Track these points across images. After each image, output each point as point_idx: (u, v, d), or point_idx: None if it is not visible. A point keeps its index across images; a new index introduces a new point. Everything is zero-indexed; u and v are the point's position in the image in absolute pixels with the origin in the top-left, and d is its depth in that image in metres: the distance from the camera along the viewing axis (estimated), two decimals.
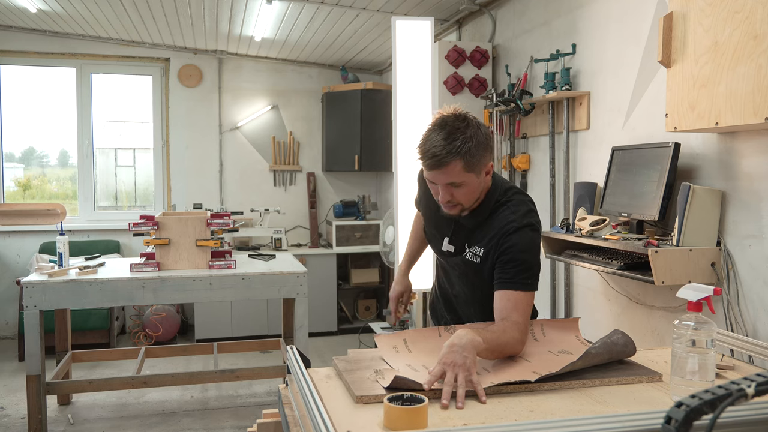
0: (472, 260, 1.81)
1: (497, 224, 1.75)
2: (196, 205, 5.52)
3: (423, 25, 3.84)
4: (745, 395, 0.85)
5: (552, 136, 3.34)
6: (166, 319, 5.29)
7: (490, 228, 1.77)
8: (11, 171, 5.93)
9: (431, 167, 1.65)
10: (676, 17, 2.12)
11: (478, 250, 1.79)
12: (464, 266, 1.85)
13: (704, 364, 1.29)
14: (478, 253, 1.79)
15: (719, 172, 2.26)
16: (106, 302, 3.36)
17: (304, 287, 3.57)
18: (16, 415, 3.76)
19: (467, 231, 1.83)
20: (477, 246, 1.79)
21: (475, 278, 1.84)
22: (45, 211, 5.39)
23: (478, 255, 1.79)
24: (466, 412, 1.25)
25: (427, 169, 1.66)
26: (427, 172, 1.68)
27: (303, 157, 6.23)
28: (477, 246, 1.79)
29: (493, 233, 1.75)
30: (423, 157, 1.66)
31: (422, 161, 1.66)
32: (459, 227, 1.85)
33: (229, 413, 3.84)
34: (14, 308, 5.39)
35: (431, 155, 1.63)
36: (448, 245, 1.88)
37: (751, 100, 1.83)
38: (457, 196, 1.71)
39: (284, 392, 1.51)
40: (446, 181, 1.67)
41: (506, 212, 1.76)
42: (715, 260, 2.23)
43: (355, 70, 6.23)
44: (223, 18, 4.72)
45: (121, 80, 5.93)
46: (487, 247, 1.77)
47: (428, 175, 1.69)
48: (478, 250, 1.79)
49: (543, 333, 1.71)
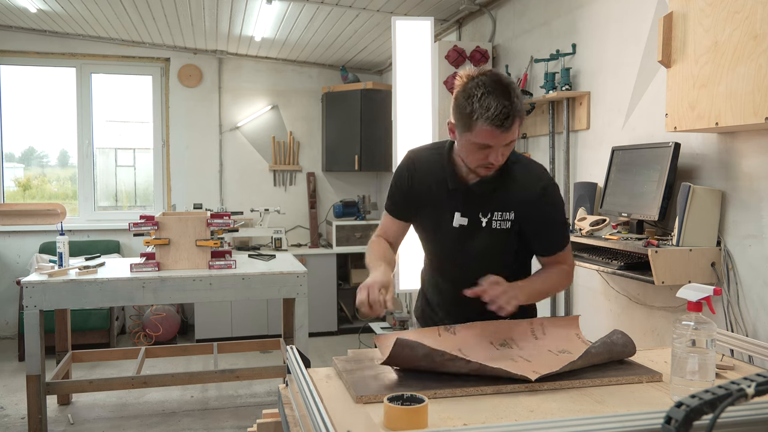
0: (500, 227, 1.75)
1: (524, 186, 1.73)
2: (196, 205, 5.52)
3: (423, 25, 3.84)
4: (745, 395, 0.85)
5: (552, 136, 3.34)
6: (166, 319, 5.29)
7: (516, 190, 1.73)
8: (11, 171, 5.93)
9: (502, 129, 1.55)
10: (676, 17, 2.12)
11: (507, 215, 1.74)
12: (487, 237, 1.76)
13: (704, 364, 1.29)
14: (508, 218, 1.74)
15: (719, 172, 2.26)
16: (106, 302, 3.36)
17: (304, 287, 3.57)
18: (16, 415, 3.76)
19: (482, 198, 1.74)
20: (503, 212, 1.74)
21: (500, 246, 1.78)
22: (45, 211, 5.39)
23: (508, 220, 1.74)
24: (466, 413, 1.25)
25: (496, 129, 1.55)
26: (486, 136, 1.57)
27: (303, 157, 6.23)
28: (503, 212, 1.74)
29: (524, 197, 1.72)
30: (493, 121, 1.54)
31: (488, 124, 1.55)
32: (470, 197, 1.75)
33: (229, 413, 3.84)
34: (14, 308, 5.39)
35: (504, 116, 1.54)
36: (461, 218, 1.77)
37: (751, 100, 1.83)
38: (504, 156, 1.64)
39: (284, 392, 1.51)
40: (507, 140, 1.60)
41: (524, 171, 1.75)
42: (715, 260, 2.23)
43: (355, 70, 6.23)
44: (223, 18, 4.72)
45: (121, 80, 5.93)
46: (520, 211, 1.74)
47: (488, 138, 1.57)
48: (507, 215, 1.74)
49: (543, 331, 1.71)
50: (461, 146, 1.67)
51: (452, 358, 1.39)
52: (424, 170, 1.82)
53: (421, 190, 1.82)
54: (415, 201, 1.84)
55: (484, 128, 1.56)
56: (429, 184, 1.81)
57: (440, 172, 1.79)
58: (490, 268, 1.74)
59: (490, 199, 1.74)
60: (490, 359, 1.51)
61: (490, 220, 1.75)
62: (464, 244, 1.80)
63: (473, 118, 1.56)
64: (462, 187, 1.76)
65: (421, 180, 1.82)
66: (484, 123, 1.55)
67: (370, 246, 1.89)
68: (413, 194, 1.84)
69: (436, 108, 3.88)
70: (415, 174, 1.83)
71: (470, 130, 1.59)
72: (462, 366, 1.40)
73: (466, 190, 1.76)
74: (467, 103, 1.57)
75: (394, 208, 1.90)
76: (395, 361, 1.44)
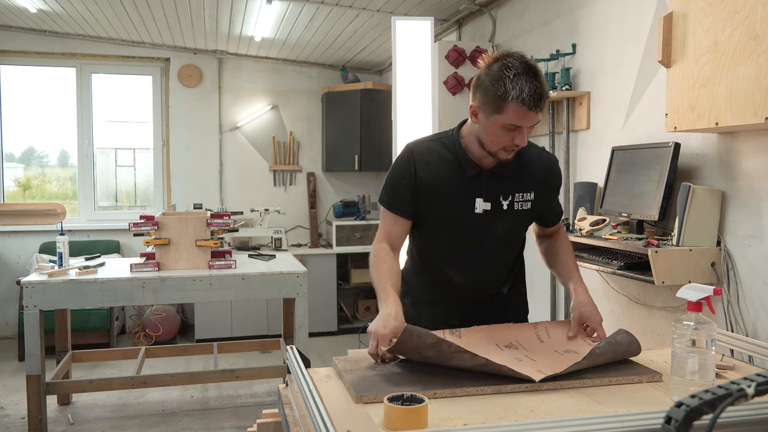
0: (522, 208, 1.78)
1: (541, 163, 1.82)
2: (196, 205, 5.52)
3: (423, 25, 3.84)
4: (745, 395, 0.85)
5: (552, 136, 3.34)
6: (166, 319, 5.29)
7: (533, 170, 1.80)
8: (11, 171, 5.93)
9: (534, 109, 1.57)
10: (676, 17, 2.12)
11: (527, 195, 1.78)
12: (510, 220, 1.78)
13: (704, 364, 1.29)
14: (528, 198, 1.78)
15: (719, 172, 2.26)
16: (106, 302, 3.36)
17: (304, 287, 3.57)
18: (16, 415, 3.76)
19: (502, 181, 1.76)
20: (523, 192, 1.78)
21: (521, 228, 1.85)
22: (45, 211, 5.39)
23: (529, 200, 1.78)
24: (466, 412, 1.25)
25: (528, 110, 1.56)
26: (518, 117, 1.58)
27: (303, 157, 6.23)
28: (523, 192, 1.78)
29: (541, 174, 1.81)
30: (529, 99, 1.55)
31: (522, 103, 1.55)
32: (491, 181, 1.75)
33: (229, 413, 3.84)
34: (14, 308, 5.39)
35: (537, 97, 1.56)
36: (484, 204, 1.75)
37: (751, 100, 1.83)
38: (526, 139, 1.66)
39: (284, 392, 1.51)
40: (535, 121, 1.62)
41: (533, 151, 1.82)
42: (715, 260, 2.23)
43: (355, 70, 6.23)
44: (223, 18, 4.72)
45: (121, 80, 5.93)
46: (539, 189, 1.80)
47: (519, 118, 1.58)
48: (527, 195, 1.78)
49: (548, 334, 1.71)
50: (486, 129, 1.64)
51: (459, 350, 1.39)
52: (429, 161, 1.77)
53: (432, 181, 1.76)
54: (427, 193, 1.77)
55: (517, 109, 1.56)
56: (440, 174, 1.76)
57: (450, 161, 1.76)
58: (508, 251, 1.84)
59: (510, 182, 1.77)
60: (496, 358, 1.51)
61: (512, 202, 1.77)
62: (488, 229, 1.78)
63: (506, 99, 1.56)
64: (481, 172, 1.75)
65: (428, 171, 1.76)
66: (517, 104, 1.56)
67: (377, 259, 1.76)
68: (423, 187, 1.77)
69: (436, 108, 3.88)
70: (420, 166, 1.77)
71: (501, 112, 1.58)
72: (467, 360, 1.40)
73: (486, 175, 1.75)
74: (499, 85, 1.57)
75: (400, 205, 1.79)
76: (402, 349, 1.43)
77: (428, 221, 1.82)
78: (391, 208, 1.81)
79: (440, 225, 1.81)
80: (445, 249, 1.84)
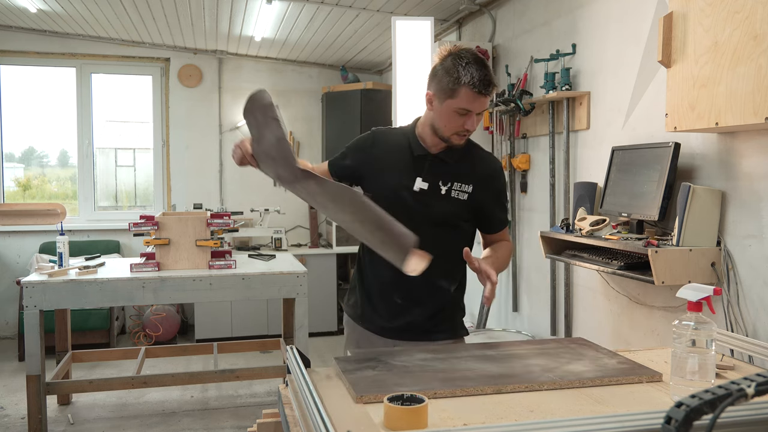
0: (458, 197, 1.88)
1: (484, 163, 1.93)
2: (196, 205, 5.52)
3: (423, 25, 3.84)
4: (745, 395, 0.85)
5: (552, 136, 3.34)
6: (166, 319, 5.29)
7: (476, 166, 1.90)
8: (11, 171, 5.93)
9: (483, 94, 1.74)
10: (676, 17, 2.12)
11: (466, 187, 1.88)
12: (446, 205, 1.87)
13: (704, 364, 1.29)
14: (466, 190, 1.88)
15: (719, 172, 2.26)
16: (106, 302, 3.36)
17: (304, 287, 3.57)
18: (16, 415, 3.76)
19: (446, 167, 1.89)
20: (463, 183, 1.88)
21: (456, 218, 1.89)
22: (45, 211, 5.39)
23: (466, 192, 1.88)
24: (466, 412, 1.25)
25: (478, 95, 1.74)
26: (469, 101, 1.75)
27: (303, 157, 6.23)
28: (463, 183, 1.88)
29: (485, 173, 1.90)
30: (479, 83, 1.73)
31: (473, 87, 1.73)
32: (436, 165, 1.89)
33: (229, 413, 3.84)
34: (14, 308, 5.39)
35: (487, 82, 1.74)
36: (422, 183, 1.88)
37: (751, 100, 1.83)
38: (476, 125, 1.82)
39: (284, 392, 1.51)
40: (484, 107, 1.79)
41: (484, 153, 1.96)
42: (715, 260, 2.23)
43: (355, 70, 6.23)
44: (223, 18, 4.72)
45: (121, 80, 5.93)
46: (479, 185, 1.88)
47: (470, 103, 1.75)
48: (466, 187, 1.88)
49: None
50: (440, 114, 1.81)
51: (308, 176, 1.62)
52: (386, 141, 1.98)
53: (382, 158, 1.94)
54: (376, 170, 1.94)
55: (468, 93, 1.74)
56: (391, 152, 1.94)
57: (403, 143, 1.94)
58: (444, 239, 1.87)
59: (452, 170, 1.89)
60: None
61: (450, 189, 1.88)
62: (423, 208, 1.88)
63: (459, 83, 1.74)
64: (426, 154, 1.90)
65: (382, 147, 1.96)
66: (468, 88, 1.73)
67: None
68: (374, 163, 1.95)
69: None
70: (377, 141, 1.99)
71: (453, 97, 1.76)
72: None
73: (430, 158, 1.90)
74: (452, 72, 1.75)
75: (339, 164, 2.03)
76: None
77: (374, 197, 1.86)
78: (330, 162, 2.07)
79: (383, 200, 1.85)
80: None
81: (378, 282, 1.96)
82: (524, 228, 3.79)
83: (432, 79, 1.84)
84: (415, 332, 1.92)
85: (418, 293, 1.89)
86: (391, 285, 1.92)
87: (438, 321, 1.93)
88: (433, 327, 1.92)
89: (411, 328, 1.92)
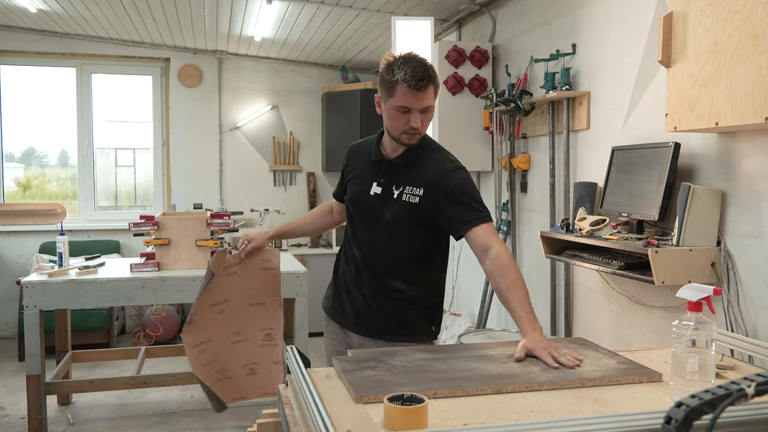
0: (409, 200, 1.92)
1: (434, 167, 1.92)
2: (196, 205, 5.52)
3: (423, 25, 3.84)
4: (745, 395, 0.85)
5: (552, 136, 3.34)
6: (166, 319, 5.29)
7: (426, 169, 1.92)
8: (11, 171, 5.93)
9: (417, 88, 1.79)
10: (676, 17, 2.12)
11: (417, 191, 1.92)
12: (397, 208, 1.93)
13: (704, 364, 1.29)
14: (417, 194, 1.92)
15: (719, 172, 2.26)
16: (106, 302, 3.36)
17: (304, 287, 3.57)
18: (16, 415, 3.76)
19: (398, 171, 1.95)
20: (414, 187, 1.92)
21: (408, 220, 1.93)
22: (45, 211, 5.39)
23: (417, 195, 1.91)
24: (466, 413, 1.25)
25: (413, 89, 1.79)
26: (406, 98, 1.80)
27: (303, 157, 6.23)
28: (414, 187, 1.92)
29: (432, 175, 1.90)
30: (411, 79, 1.78)
31: (407, 83, 1.78)
32: (389, 169, 1.97)
33: (229, 413, 3.84)
34: (14, 308, 5.39)
35: (420, 77, 1.79)
36: (377, 187, 1.97)
37: (751, 100, 1.83)
38: (424, 123, 1.87)
39: (284, 392, 1.51)
40: (424, 105, 1.83)
41: (438, 156, 1.96)
42: (715, 260, 2.23)
43: (355, 70, 6.23)
44: (223, 18, 4.73)
45: (121, 80, 5.93)
46: (428, 188, 1.90)
47: (407, 99, 1.80)
48: (417, 190, 1.92)
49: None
50: (386, 115, 1.89)
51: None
52: (357, 153, 2.11)
53: (353, 166, 2.10)
54: (348, 179, 2.10)
55: (403, 90, 1.80)
56: (359, 161, 2.08)
57: (368, 153, 2.04)
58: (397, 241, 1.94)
59: (405, 174, 1.94)
60: None
61: (402, 192, 1.94)
62: (377, 212, 1.97)
63: (394, 82, 1.81)
64: (383, 159, 1.98)
65: (353, 161, 2.11)
66: (402, 85, 1.79)
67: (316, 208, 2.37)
68: (348, 174, 2.11)
69: (436, 108, 3.88)
70: (350, 155, 2.14)
71: (392, 95, 1.83)
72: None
73: (386, 163, 1.98)
74: (389, 72, 1.84)
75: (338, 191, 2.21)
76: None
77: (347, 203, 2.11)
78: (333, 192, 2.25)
79: (350, 205, 2.08)
80: (352, 226, 2.09)
81: (344, 278, 2.10)
82: (524, 228, 3.79)
83: (378, 84, 1.92)
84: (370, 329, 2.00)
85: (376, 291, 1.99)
86: (353, 281, 2.05)
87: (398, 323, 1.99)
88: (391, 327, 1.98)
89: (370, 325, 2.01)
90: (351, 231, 2.09)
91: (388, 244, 1.97)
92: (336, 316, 2.12)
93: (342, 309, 2.09)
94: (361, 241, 2.04)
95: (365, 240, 2.03)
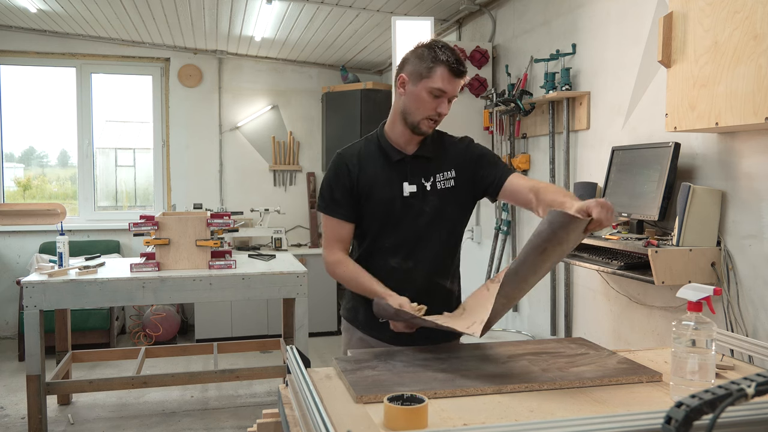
0: (447, 186, 1.88)
1: (452, 147, 1.93)
2: (196, 205, 5.52)
3: (423, 25, 3.84)
4: (745, 395, 0.85)
5: (552, 136, 3.34)
6: (166, 319, 5.29)
7: (448, 151, 1.92)
8: (11, 171, 5.93)
9: (457, 75, 1.78)
10: (676, 17, 2.12)
11: (449, 174, 1.89)
12: (437, 199, 1.87)
13: (704, 364, 1.29)
14: (450, 176, 1.89)
15: (719, 172, 2.26)
16: (106, 302, 3.36)
17: (304, 287, 3.57)
18: (16, 415, 3.76)
19: (425, 163, 1.89)
20: (444, 172, 1.89)
21: (450, 207, 1.89)
22: (45, 211, 5.38)
23: (452, 178, 1.89)
24: (466, 413, 1.25)
25: (452, 76, 1.77)
26: (444, 81, 1.77)
27: (303, 157, 6.23)
28: (444, 172, 1.89)
29: (456, 153, 1.91)
30: (453, 65, 1.76)
31: (449, 67, 1.76)
32: (415, 165, 1.89)
33: (229, 413, 3.84)
34: (14, 308, 5.39)
35: (462, 65, 1.78)
36: (410, 186, 1.87)
37: (751, 100, 1.83)
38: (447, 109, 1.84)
39: (284, 392, 1.51)
40: (457, 90, 1.81)
41: (448, 137, 1.97)
42: (715, 260, 2.23)
43: (355, 70, 6.23)
44: (223, 18, 4.72)
45: (121, 80, 5.93)
46: (459, 167, 1.89)
47: (445, 82, 1.77)
48: (448, 173, 1.89)
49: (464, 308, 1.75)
50: (413, 97, 1.81)
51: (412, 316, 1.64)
52: (360, 159, 1.90)
53: (366, 176, 1.88)
54: (365, 190, 1.88)
55: (444, 73, 1.76)
56: (371, 168, 1.89)
57: (377, 154, 1.90)
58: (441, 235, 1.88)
59: (430, 164, 1.89)
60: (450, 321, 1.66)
61: (434, 182, 1.88)
62: (417, 211, 1.87)
63: (436, 62, 1.76)
64: (404, 157, 1.89)
65: (361, 168, 1.88)
66: (444, 68, 1.76)
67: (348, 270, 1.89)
68: (360, 185, 1.87)
69: None
70: (352, 167, 1.88)
71: (430, 76, 1.77)
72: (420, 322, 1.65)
73: (409, 160, 1.89)
74: (429, 54, 1.78)
75: (339, 208, 1.89)
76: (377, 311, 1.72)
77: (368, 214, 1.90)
78: (333, 213, 1.90)
79: (378, 214, 1.89)
80: (385, 237, 1.90)
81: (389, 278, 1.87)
82: (524, 228, 3.79)
83: (406, 63, 1.84)
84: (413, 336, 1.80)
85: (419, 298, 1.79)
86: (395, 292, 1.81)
87: None
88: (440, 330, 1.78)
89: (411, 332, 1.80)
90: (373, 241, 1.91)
91: (431, 241, 1.88)
92: (368, 329, 1.95)
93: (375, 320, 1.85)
94: (398, 247, 1.88)
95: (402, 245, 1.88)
